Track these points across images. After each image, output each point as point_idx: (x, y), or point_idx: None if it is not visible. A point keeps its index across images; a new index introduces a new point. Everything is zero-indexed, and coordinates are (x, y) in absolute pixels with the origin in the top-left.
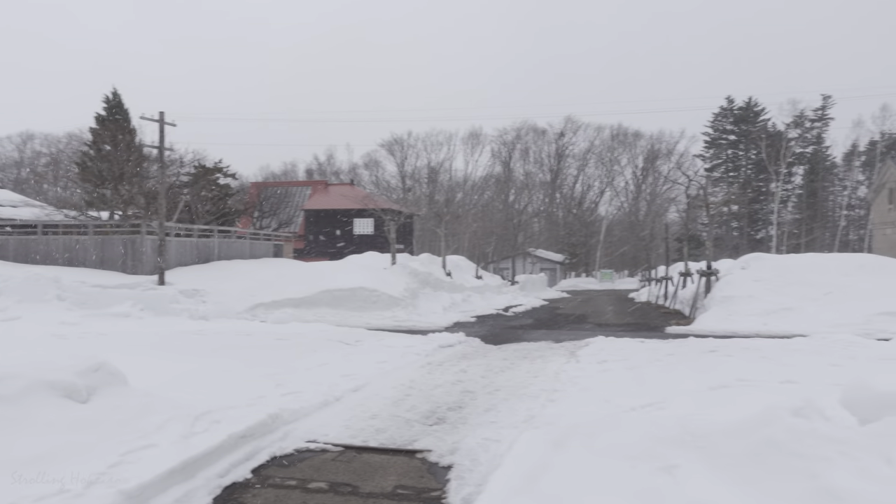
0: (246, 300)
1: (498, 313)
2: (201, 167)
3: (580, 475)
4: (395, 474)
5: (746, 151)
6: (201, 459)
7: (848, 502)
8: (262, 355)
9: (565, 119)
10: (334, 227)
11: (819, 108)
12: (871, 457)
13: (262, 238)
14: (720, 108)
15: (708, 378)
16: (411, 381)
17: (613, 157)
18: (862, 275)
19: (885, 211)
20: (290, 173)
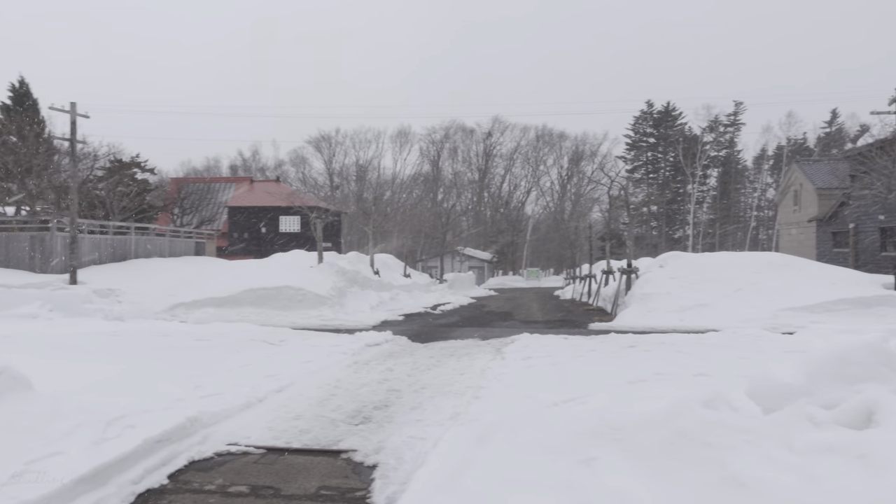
0: (165, 300)
1: (426, 311)
2: (117, 161)
3: (502, 470)
4: (318, 475)
5: (665, 154)
6: (114, 466)
7: (752, 489)
8: (181, 356)
9: (493, 119)
10: (259, 225)
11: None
12: (774, 444)
13: (182, 235)
14: (640, 112)
15: (627, 373)
16: (337, 381)
17: (539, 157)
18: (769, 272)
19: (791, 212)
20: (212, 169)
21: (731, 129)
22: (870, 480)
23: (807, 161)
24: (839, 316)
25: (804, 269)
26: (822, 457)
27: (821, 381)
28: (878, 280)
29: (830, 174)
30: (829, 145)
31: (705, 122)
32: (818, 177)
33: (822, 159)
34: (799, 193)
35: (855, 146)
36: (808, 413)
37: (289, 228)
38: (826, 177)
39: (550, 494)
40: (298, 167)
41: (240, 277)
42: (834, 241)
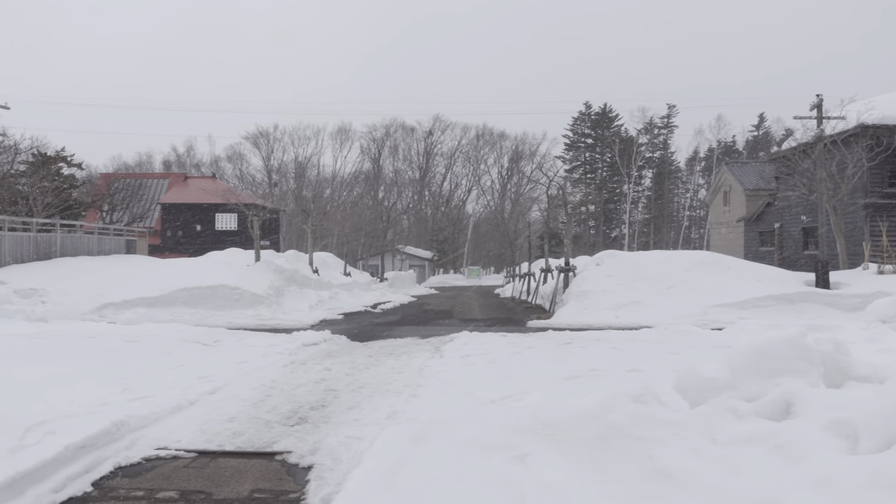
0: (93, 300)
1: (366, 310)
2: (41, 155)
3: (438, 468)
4: (252, 478)
5: (602, 154)
6: (32, 475)
7: (678, 479)
8: (109, 359)
9: (434, 118)
10: (194, 223)
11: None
12: (700, 437)
13: (112, 233)
14: (579, 113)
15: (563, 369)
16: (273, 382)
17: (480, 156)
18: (700, 270)
19: (721, 212)
20: (145, 165)
21: (665, 131)
22: (786, 470)
23: (736, 163)
24: (765, 312)
25: (733, 267)
26: (743, 448)
27: (743, 375)
28: (801, 278)
29: (758, 176)
30: (757, 148)
31: (640, 123)
32: (746, 178)
33: (750, 161)
34: (728, 194)
35: (780, 149)
36: (731, 406)
37: (225, 226)
38: (754, 178)
39: (484, 491)
40: (235, 164)
41: (173, 276)
42: (760, 240)
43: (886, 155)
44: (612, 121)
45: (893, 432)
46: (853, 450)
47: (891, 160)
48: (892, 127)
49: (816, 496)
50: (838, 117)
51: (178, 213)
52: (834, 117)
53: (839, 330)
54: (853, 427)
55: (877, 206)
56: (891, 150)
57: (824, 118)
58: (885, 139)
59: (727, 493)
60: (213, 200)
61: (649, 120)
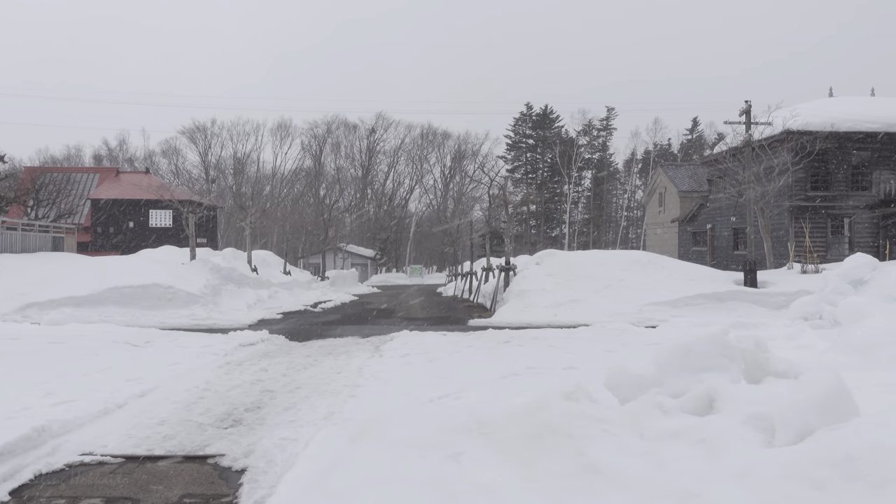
0: (15, 299)
1: (306, 309)
2: None
3: (372, 469)
4: (182, 483)
5: (543, 155)
6: None
7: (606, 474)
8: (31, 361)
9: (377, 115)
10: (126, 219)
11: (604, 118)
12: (628, 433)
13: (37, 229)
14: (520, 114)
15: (501, 368)
16: (206, 383)
17: (423, 155)
18: (636, 269)
19: (656, 213)
20: (73, 158)
21: (604, 133)
22: (708, 463)
23: (671, 165)
24: (697, 310)
25: (667, 266)
26: (668, 442)
27: (669, 372)
28: (730, 277)
29: (691, 178)
30: (691, 151)
31: (580, 125)
32: (680, 180)
33: (684, 164)
34: (664, 196)
35: (712, 153)
36: (657, 402)
37: (159, 223)
38: (687, 181)
39: (418, 491)
40: (171, 159)
41: (103, 275)
42: (694, 240)
43: (809, 160)
44: (552, 122)
45: (806, 425)
46: (770, 443)
47: (813, 164)
48: (815, 133)
49: (735, 488)
50: (765, 123)
51: (109, 210)
52: (761, 123)
53: (763, 327)
54: (770, 421)
55: (801, 209)
56: (813, 154)
57: (753, 123)
58: (808, 144)
59: (653, 486)
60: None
61: (589, 122)
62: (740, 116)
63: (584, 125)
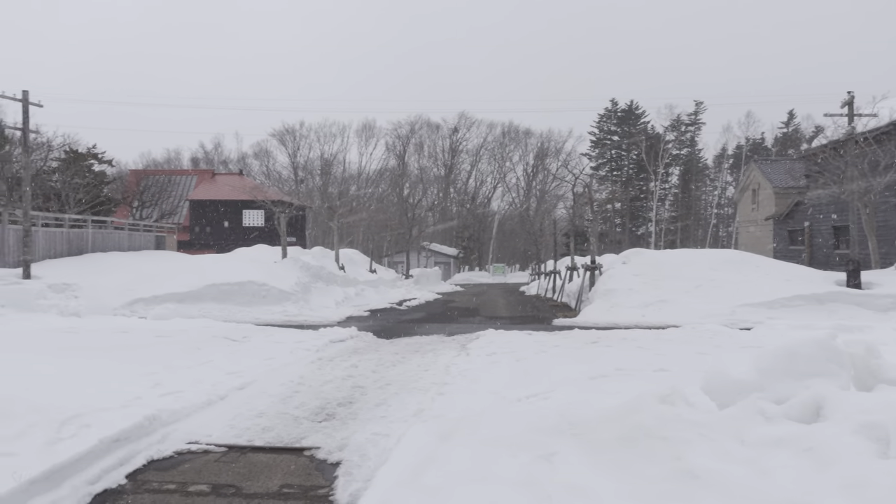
0: (124, 295)
1: (391, 307)
2: (73, 152)
3: (464, 466)
4: (281, 473)
5: (628, 152)
6: (69, 467)
7: (706, 481)
8: (140, 354)
9: (459, 115)
10: (222, 219)
11: (692, 113)
12: (728, 439)
13: (142, 229)
14: (605, 110)
15: (589, 368)
16: (301, 378)
17: (505, 153)
18: (728, 269)
19: (749, 210)
20: (173, 161)
21: (693, 128)
22: (816, 473)
23: (765, 161)
24: (794, 312)
25: (761, 265)
26: (772, 450)
27: (772, 377)
28: (830, 277)
29: (787, 174)
30: (786, 145)
31: (667, 120)
32: (775, 176)
33: (780, 159)
34: (757, 192)
35: (810, 147)
36: (759, 408)
37: (252, 223)
38: (783, 176)
39: (510, 490)
40: (262, 160)
41: (201, 272)
42: (790, 238)
43: None
44: (638, 118)
45: None
46: (885, 454)
47: None
48: None
49: (846, 500)
50: (870, 115)
51: (206, 210)
52: (866, 114)
53: (870, 331)
54: (885, 430)
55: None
56: None
57: (856, 115)
58: None
59: (756, 494)
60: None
61: (676, 117)
62: (842, 108)
63: (671, 120)
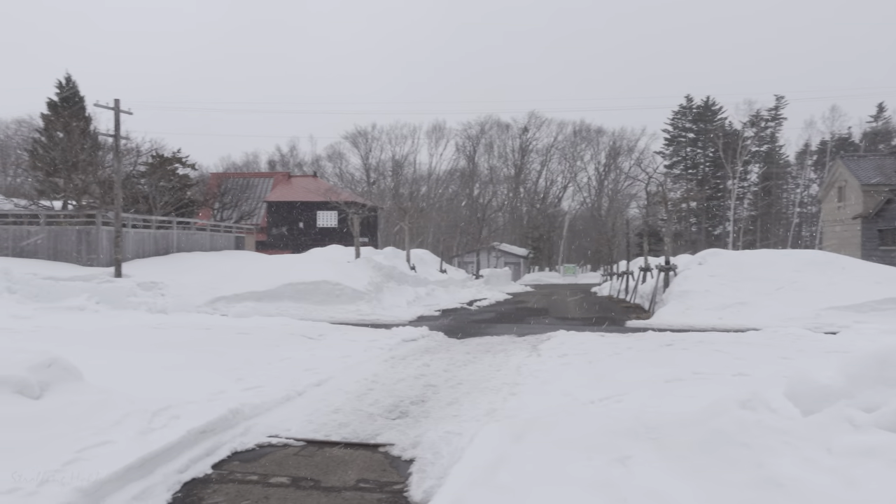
0: (206, 293)
1: (462, 307)
2: (159, 157)
3: (538, 467)
4: (357, 468)
5: (704, 149)
6: (160, 455)
7: (790, 490)
8: (223, 350)
9: (529, 114)
10: (297, 220)
11: (773, 108)
12: (813, 447)
13: (222, 230)
14: (679, 107)
15: (664, 371)
16: (374, 376)
17: (576, 152)
18: (812, 270)
19: (835, 209)
20: (251, 164)
21: (773, 123)
22: None
23: (852, 157)
24: (885, 315)
25: (848, 267)
26: (861, 460)
27: (861, 384)
28: None
29: (876, 170)
30: (876, 140)
31: (746, 116)
32: (863, 173)
33: (868, 155)
34: (843, 190)
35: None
36: (847, 415)
37: (326, 223)
38: (872, 173)
39: (585, 492)
40: (335, 162)
41: (278, 272)
42: (880, 238)
43: None
44: (714, 114)
45: None
46: None
47: None
48: None
49: None
50: None
51: (282, 211)
52: None
53: None
54: None
55: None
56: None
57: None
58: None
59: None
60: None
61: (756, 112)
62: None
63: (750, 116)
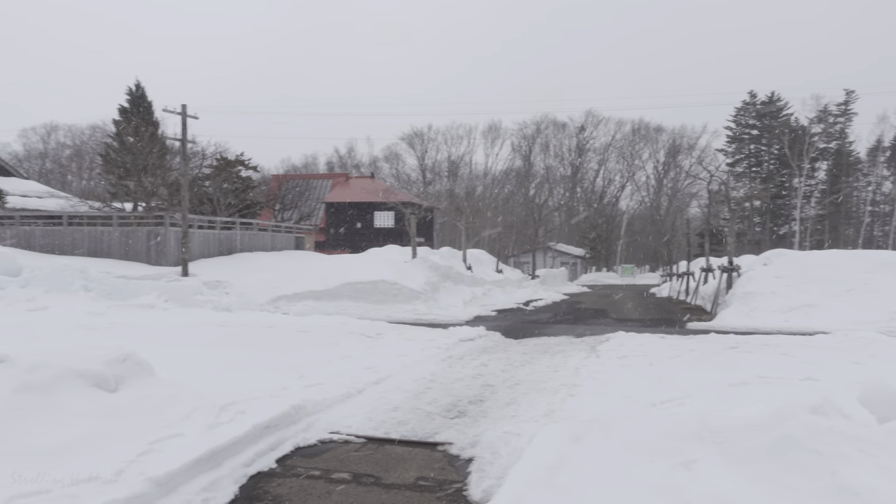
0: (268, 292)
1: (518, 307)
2: (223, 160)
3: (599, 469)
4: (416, 466)
5: (769, 146)
6: (227, 449)
7: (866, 499)
8: (285, 347)
9: (586, 113)
10: (355, 220)
11: (842, 102)
12: (890, 455)
13: (283, 230)
14: (742, 103)
15: (728, 375)
16: (432, 375)
17: (635, 151)
18: (886, 272)
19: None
20: (310, 166)
21: (842, 119)
22: None
23: None
24: None
25: None
26: None
27: None
28: None
29: None
30: None
31: (813, 112)
32: None
33: None
34: None
35: None
36: None
37: (383, 224)
38: None
39: (649, 494)
40: (392, 163)
41: (337, 271)
42: None
43: None
44: (780, 110)
45: None
46: None
47: None
48: None
49: None
50: None
51: (340, 212)
52: None
53: None
54: None
55: None
56: None
57: None
58: None
59: None
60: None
61: (823, 108)
62: None
63: (817, 112)
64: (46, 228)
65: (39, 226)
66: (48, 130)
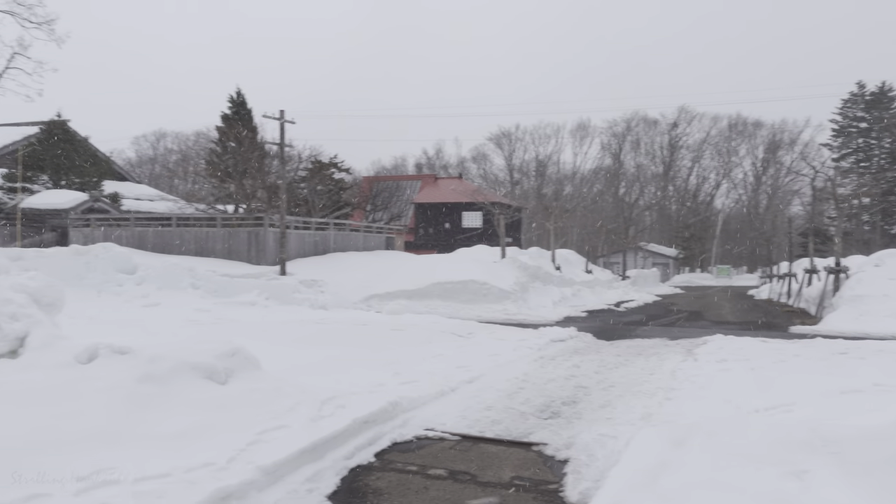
0: (361, 291)
1: (609, 308)
2: (317, 162)
3: (702, 475)
4: (511, 465)
5: (879, 140)
6: (329, 442)
7: None
8: (380, 344)
9: (679, 109)
10: (443, 221)
11: None
12: None
13: (374, 231)
14: (850, 95)
15: (839, 382)
16: (524, 375)
17: (731, 147)
18: None
19: None
20: (400, 167)
21: None
22: None
23: None
24: None
25: None
26: None
27: None
28: None
29: None
30: None
31: None
32: None
33: None
34: None
35: None
36: None
37: (471, 224)
38: None
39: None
40: (479, 164)
41: (427, 271)
42: None
43: None
44: (891, 101)
45: None
46: None
47: None
48: None
49: None
50: None
51: (429, 212)
52: None
53: None
54: None
55: None
56: None
57: None
58: None
59: None
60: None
61: None
62: None
63: None
64: (157, 229)
65: (152, 227)
66: (157, 137)
